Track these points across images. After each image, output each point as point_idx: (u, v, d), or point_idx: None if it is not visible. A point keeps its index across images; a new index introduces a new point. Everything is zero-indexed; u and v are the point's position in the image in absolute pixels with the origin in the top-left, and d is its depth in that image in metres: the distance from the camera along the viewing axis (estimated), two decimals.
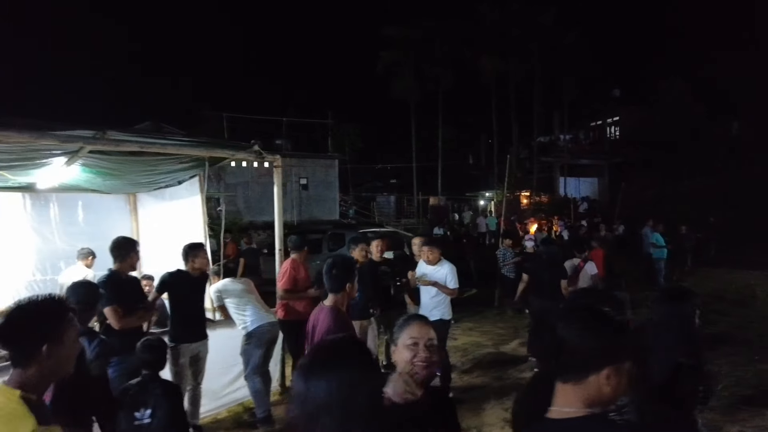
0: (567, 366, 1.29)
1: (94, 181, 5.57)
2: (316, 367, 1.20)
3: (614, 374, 1.23)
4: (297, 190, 22.03)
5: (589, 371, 1.24)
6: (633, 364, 1.28)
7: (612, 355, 1.25)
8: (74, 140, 3.76)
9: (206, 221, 5.97)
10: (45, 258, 6.48)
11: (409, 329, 1.83)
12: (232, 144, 5.03)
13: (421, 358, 1.78)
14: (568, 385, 1.27)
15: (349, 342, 1.35)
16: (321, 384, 1.16)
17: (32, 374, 1.54)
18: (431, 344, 1.81)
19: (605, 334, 1.26)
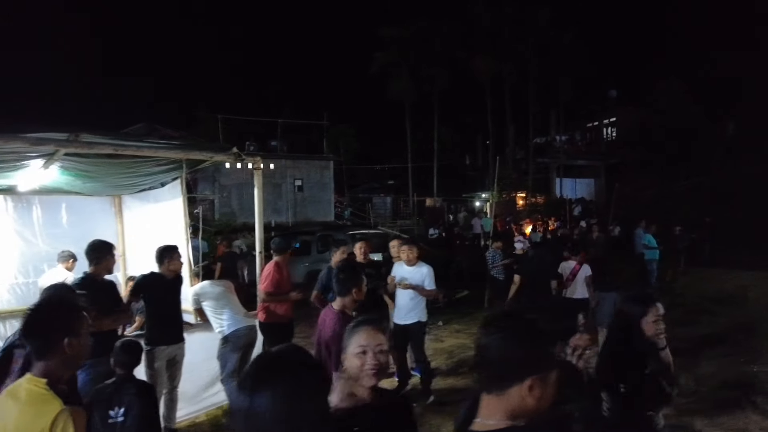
0: (489, 377, 1.26)
1: (74, 184, 5.54)
2: (259, 380, 1.16)
3: (538, 385, 1.20)
4: (292, 192, 22.01)
5: (511, 382, 1.21)
6: (559, 375, 1.25)
7: (535, 365, 1.22)
8: (45, 143, 3.73)
9: (188, 223, 5.96)
10: (28, 261, 6.44)
11: (358, 336, 1.81)
12: (210, 146, 5.02)
13: (371, 366, 1.76)
14: (492, 397, 1.24)
15: (292, 352, 1.30)
16: (264, 397, 1.12)
17: (55, 364, 1.77)
18: (381, 350, 1.79)
19: (527, 344, 1.23)
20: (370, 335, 1.80)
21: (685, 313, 9.23)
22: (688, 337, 7.66)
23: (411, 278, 5.22)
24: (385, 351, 1.81)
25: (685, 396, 5.24)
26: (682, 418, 4.78)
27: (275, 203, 21.67)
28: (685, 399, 5.16)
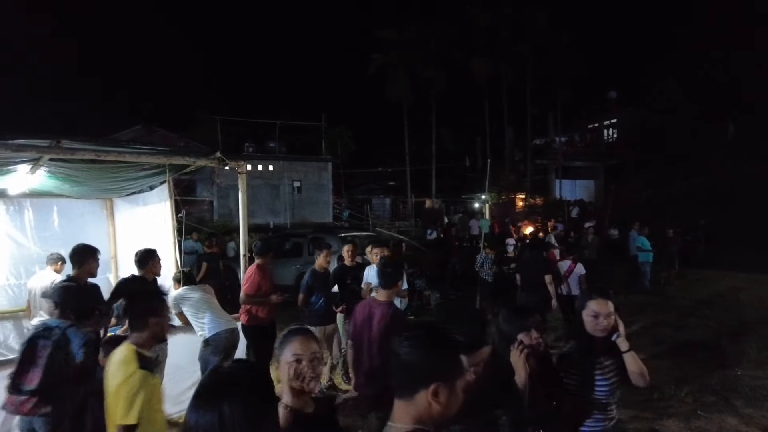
0: (398, 383, 1.33)
1: (63, 187, 5.63)
2: (209, 398, 1.22)
3: (443, 392, 1.27)
4: (290, 193, 22.09)
5: (417, 388, 1.28)
6: (465, 384, 1.32)
7: (439, 372, 1.28)
8: (26, 149, 3.82)
9: (175, 226, 6.03)
10: (19, 263, 6.54)
11: (291, 345, 1.83)
12: (192, 151, 5.09)
13: (305, 375, 1.78)
14: (402, 402, 1.32)
15: (244, 372, 1.35)
16: (212, 415, 1.17)
17: (144, 337, 2.50)
18: (314, 358, 1.83)
19: (431, 352, 1.30)
20: (304, 343, 1.83)
21: (674, 316, 9.27)
22: (674, 340, 7.72)
23: None
24: (319, 359, 1.86)
25: (665, 399, 5.31)
26: (658, 422, 4.84)
27: (273, 204, 21.76)
28: (663, 402, 5.24)
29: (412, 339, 1.34)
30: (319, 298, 5.35)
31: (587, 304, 2.52)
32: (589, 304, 2.52)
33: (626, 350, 2.50)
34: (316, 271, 5.50)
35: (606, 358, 2.50)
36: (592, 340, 2.50)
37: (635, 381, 2.51)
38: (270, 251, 5.48)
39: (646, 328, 8.48)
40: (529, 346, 2.18)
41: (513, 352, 2.15)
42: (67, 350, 3.07)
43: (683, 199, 20.88)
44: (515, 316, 2.38)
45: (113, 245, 7.28)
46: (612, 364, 2.52)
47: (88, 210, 7.09)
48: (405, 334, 1.37)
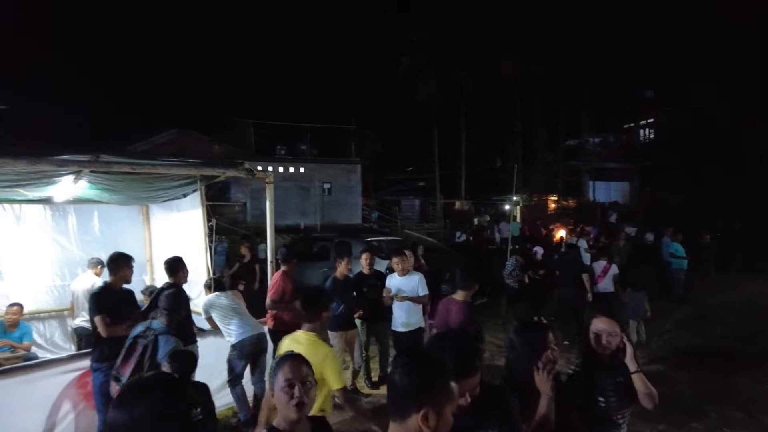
0: (392, 406, 1.45)
1: (102, 195, 5.96)
2: (123, 400, 1.34)
3: (432, 416, 1.37)
4: (320, 195, 22.44)
5: (409, 411, 1.39)
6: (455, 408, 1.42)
7: (429, 397, 1.38)
8: (69, 164, 4.11)
9: (206, 233, 6.30)
10: (63, 265, 6.96)
11: (282, 371, 1.90)
12: (221, 163, 5.33)
13: (297, 401, 1.85)
14: (395, 424, 1.43)
15: (159, 380, 1.46)
16: (124, 414, 1.29)
17: (316, 327, 3.23)
18: (306, 383, 1.89)
19: (421, 377, 1.40)
20: (294, 369, 1.90)
21: (704, 324, 9.05)
22: (701, 351, 7.54)
23: (403, 287, 5.43)
24: (311, 383, 1.91)
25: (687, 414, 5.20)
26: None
27: (303, 206, 22.14)
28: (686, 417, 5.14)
29: (404, 365, 1.43)
30: (339, 305, 5.51)
31: (592, 322, 2.55)
32: (594, 322, 2.54)
33: (635, 371, 2.49)
34: (337, 279, 5.68)
35: (610, 376, 2.51)
36: (597, 357, 2.53)
37: (643, 402, 2.49)
38: (294, 258, 5.67)
39: (672, 336, 8.32)
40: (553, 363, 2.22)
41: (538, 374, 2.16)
42: (153, 355, 3.49)
43: (720, 203, 20.18)
44: (534, 331, 2.36)
45: (149, 249, 7.64)
46: (617, 383, 2.52)
47: (125, 215, 7.47)
48: (397, 360, 1.48)
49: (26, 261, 6.62)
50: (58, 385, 4.14)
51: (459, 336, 2.03)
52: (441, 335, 2.09)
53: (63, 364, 4.24)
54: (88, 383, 4.23)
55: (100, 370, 4.07)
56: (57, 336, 6.86)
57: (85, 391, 4.25)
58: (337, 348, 5.45)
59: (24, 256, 6.60)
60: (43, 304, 6.77)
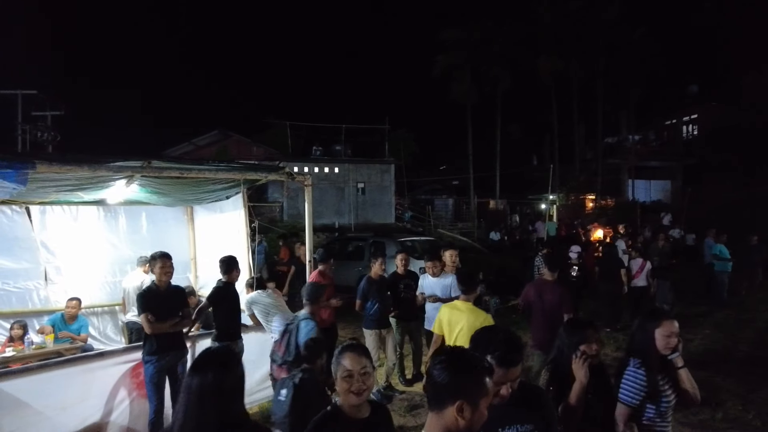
0: (431, 398, 1.59)
1: (151, 198, 6.32)
2: (193, 367, 1.83)
3: (467, 409, 1.50)
4: (354, 194, 22.72)
5: (445, 403, 1.52)
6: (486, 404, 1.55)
7: (464, 391, 1.52)
8: (124, 170, 4.43)
9: (248, 233, 6.57)
10: (114, 263, 7.41)
11: (343, 361, 2.08)
12: (263, 167, 5.58)
13: (356, 389, 2.03)
14: (433, 413, 1.57)
15: (220, 354, 1.95)
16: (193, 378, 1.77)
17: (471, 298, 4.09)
18: (365, 372, 2.06)
19: (459, 373, 1.54)
20: (354, 359, 2.07)
21: (749, 330, 8.76)
22: (746, 356, 7.33)
23: (436, 288, 5.53)
24: (370, 373, 2.08)
25: (728, 420, 5.11)
26: None
27: (338, 205, 22.48)
28: (727, 423, 5.04)
29: (442, 361, 1.56)
30: (374, 304, 5.68)
31: (662, 324, 2.61)
32: (665, 324, 2.61)
33: (681, 366, 2.60)
34: (371, 279, 5.84)
35: (664, 375, 2.61)
36: (650, 357, 2.60)
37: (688, 399, 2.60)
38: (330, 258, 5.87)
39: (715, 341, 8.10)
40: (590, 356, 2.45)
41: (575, 361, 2.43)
42: (297, 335, 3.96)
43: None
44: (577, 328, 2.62)
45: (192, 248, 8.02)
46: (669, 381, 2.61)
47: (171, 216, 7.87)
48: (436, 357, 1.62)
49: (81, 258, 7.09)
50: (114, 375, 4.46)
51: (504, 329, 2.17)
52: (488, 329, 2.23)
53: (119, 356, 4.57)
54: (140, 374, 4.53)
55: (150, 362, 4.36)
56: (109, 329, 7.31)
57: (138, 381, 4.56)
58: (371, 346, 5.62)
59: (79, 253, 7.07)
60: (96, 299, 7.22)
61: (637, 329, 2.72)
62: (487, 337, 2.05)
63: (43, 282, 6.79)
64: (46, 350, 5.65)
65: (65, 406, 4.14)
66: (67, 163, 4.04)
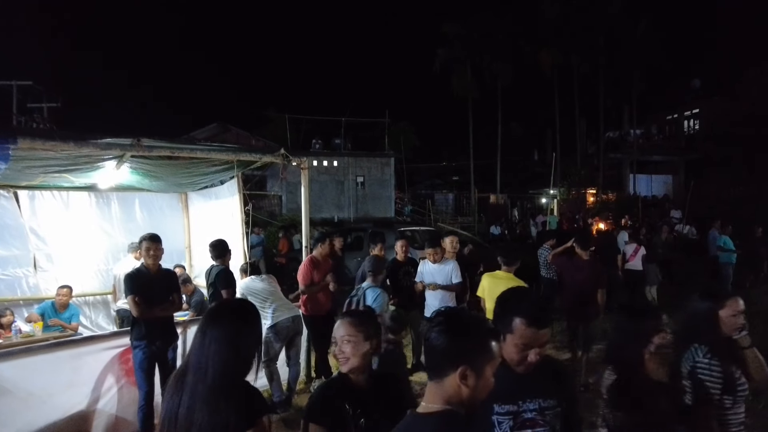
0: (430, 364, 1.42)
1: (143, 182, 6.14)
2: (209, 319, 1.80)
3: (471, 375, 1.33)
4: (354, 188, 22.54)
5: (446, 370, 1.35)
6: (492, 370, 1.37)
7: (466, 356, 1.34)
8: (113, 147, 4.24)
9: (243, 219, 6.40)
10: (107, 250, 7.23)
11: (335, 329, 2.05)
12: (258, 148, 5.39)
13: (335, 354, 2.02)
14: (433, 384, 1.39)
15: (235, 302, 2.10)
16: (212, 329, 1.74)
17: (512, 269, 4.55)
18: (348, 340, 1.98)
19: (460, 337, 1.36)
20: (338, 328, 2.03)
21: (758, 322, 8.58)
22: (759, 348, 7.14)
23: (436, 275, 5.34)
24: (353, 342, 1.97)
25: None
26: None
27: (338, 199, 22.30)
28: None
29: (441, 323, 1.40)
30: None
31: (726, 304, 2.40)
32: (730, 303, 2.41)
33: (749, 346, 2.40)
34: None
35: (733, 360, 2.39)
36: (717, 344, 2.37)
37: (758, 378, 2.40)
38: (325, 240, 5.68)
39: None
40: (664, 347, 2.20)
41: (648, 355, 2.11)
42: (364, 303, 4.30)
43: None
44: (643, 316, 2.25)
45: (188, 236, 7.84)
46: (739, 366, 2.39)
47: (165, 203, 7.69)
48: (435, 318, 1.44)
49: (73, 246, 6.91)
50: (102, 361, 4.28)
51: (533, 291, 2.04)
52: (516, 289, 2.03)
53: (107, 341, 4.40)
54: (129, 359, 4.36)
55: (139, 347, 4.18)
56: (101, 318, 7.13)
57: (127, 367, 4.39)
58: None
59: (71, 241, 6.89)
60: (88, 288, 7.05)
61: (697, 314, 2.45)
62: (516, 296, 1.87)
63: (33, 269, 6.61)
64: (34, 339, 5.46)
65: (51, 393, 3.96)
66: (51, 139, 3.86)
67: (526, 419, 1.75)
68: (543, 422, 1.79)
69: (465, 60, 26.22)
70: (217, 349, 1.66)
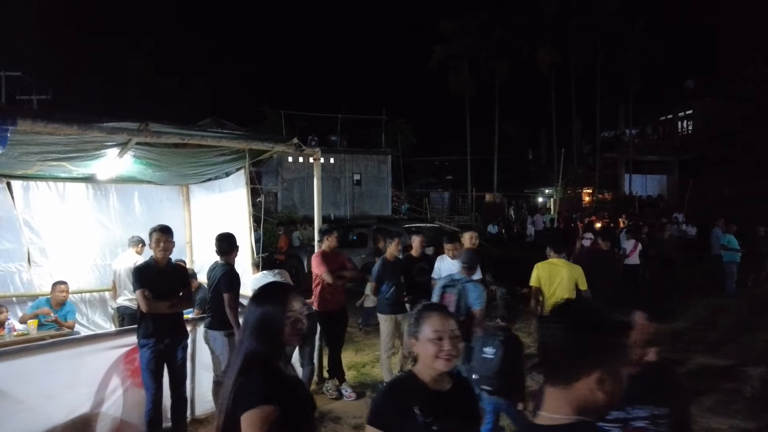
0: (552, 368, 1.19)
1: (146, 173, 5.85)
2: (255, 297, 1.82)
3: (608, 378, 1.12)
4: (350, 186, 22.28)
5: (578, 374, 1.13)
6: (627, 371, 1.15)
7: (602, 357, 1.13)
8: (119, 132, 3.95)
9: (251, 212, 6.11)
10: (105, 244, 6.90)
11: (431, 322, 1.76)
12: (270, 137, 5.11)
13: (446, 353, 1.72)
14: (557, 390, 1.17)
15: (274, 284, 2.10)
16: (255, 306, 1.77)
17: (563, 256, 5.15)
18: (454, 336, 1.75)
19: (597, 335, 1.14)
20: (444, 321, 1.76)
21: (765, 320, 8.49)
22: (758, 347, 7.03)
23: (454, 270, 5.10)
24: (459, 337, 1.76)
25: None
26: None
27: (334, 197, 22.02)
28: None
29: (566, 320, 1.19)
30: (389, 287, 5.26)
31: None
32: None
33: None
34: (387, 260, 5.42)
35: None
36: None
37: None
38: (333, 232, 5.43)
39: (733, 332, 7.82)
40: None
41: None
42: (466, 299, 4.35)
43: None
44: None
45: (188, 231, 7.53)
46: None
47: (166, 196, 7.37)
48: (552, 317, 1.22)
49: (69, 240, 6.57)
50: (106, 361, 4.00)
51: None
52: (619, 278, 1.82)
53: (111, 339, 4.10)
54: (135, 359, 4.08)
55: (146, 346, 3.90)
56: (98, 315, 6.81)
57: (133, 368, 4.10)
58: (386, 333, 5.21)
59: (66, 234, 6.55)
60: (84, 284, 6.71)
61: None
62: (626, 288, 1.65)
63: (26, 264, 6.26)
64: (29, 337, 5.14)
65: (50, 394, 3.68)
66: (53, 121, 3.56)
67: (636, 428, 1.52)
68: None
69: (462, 56, 26.03)
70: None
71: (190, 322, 4.47)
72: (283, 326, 1.70)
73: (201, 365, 4.57)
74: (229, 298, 4.30)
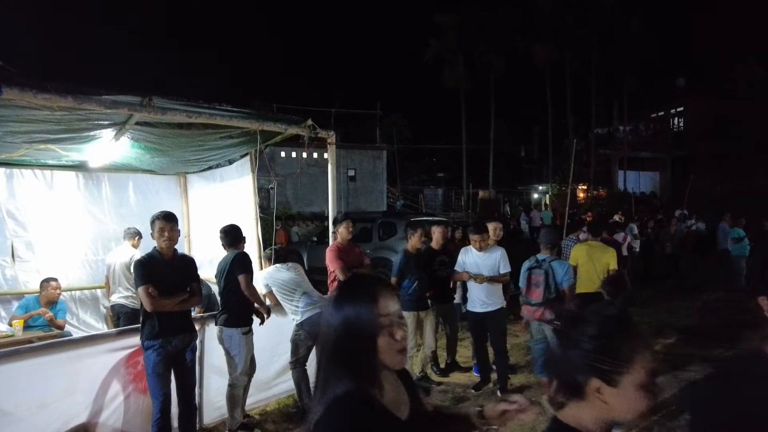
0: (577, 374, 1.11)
1: (144, 159, 5.39)
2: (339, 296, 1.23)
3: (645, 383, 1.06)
4: (345, 182, 21.81)
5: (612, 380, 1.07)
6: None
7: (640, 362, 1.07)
8: (119, 106, 3.50)
9: (257, 202, 5.69)
10: (97, 238, 6.41)
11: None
12: (284, 117, 4.68)
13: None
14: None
15: (366, 277, 1.38)
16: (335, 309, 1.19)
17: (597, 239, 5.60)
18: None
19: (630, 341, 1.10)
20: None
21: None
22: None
23: (482, 265, 4.73)
24: None
25: None
26: None
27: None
28: None
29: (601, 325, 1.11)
30: (412, 282, 4.88)
31: None
32: None
33: None
34: (409, 253, 5.03)
35: None
36: None
37: None
38: (346, 219, 5.05)
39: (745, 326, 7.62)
40: None
41: None
42: (554, 276, 4.47)
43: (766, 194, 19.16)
44: None
45: (187, 223, 7.06)
46: None
47: (162, 187, 6.91)
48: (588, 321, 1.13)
49: (57, 233, 6.07)
50: (105, 365, 3.55)
51: None
52: None
53: (111, 341, 3.64)
54: (138, 363, 3.64)
55: (152, 348, 3.44)
56: (89, 315, 6.32)
57: (136, 372, 3.66)
58: (409, 329, 4.81)
59: (55, 227, 6.05)
60: (74, 280, 6.22)
61: None
62: None
63: (10, 260, 5.74)
64: (15, 339, 4.65)
65: (44, 403, 3.23)
66: (44, 91, 3.10)
67: None
68: None
69: (457, 51, 25.70)
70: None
71: (198, 320, 4.03)
72: (376, 337, 1.15)
73: (210, 368, 4.13)
74: (245, 279, 3.90)
